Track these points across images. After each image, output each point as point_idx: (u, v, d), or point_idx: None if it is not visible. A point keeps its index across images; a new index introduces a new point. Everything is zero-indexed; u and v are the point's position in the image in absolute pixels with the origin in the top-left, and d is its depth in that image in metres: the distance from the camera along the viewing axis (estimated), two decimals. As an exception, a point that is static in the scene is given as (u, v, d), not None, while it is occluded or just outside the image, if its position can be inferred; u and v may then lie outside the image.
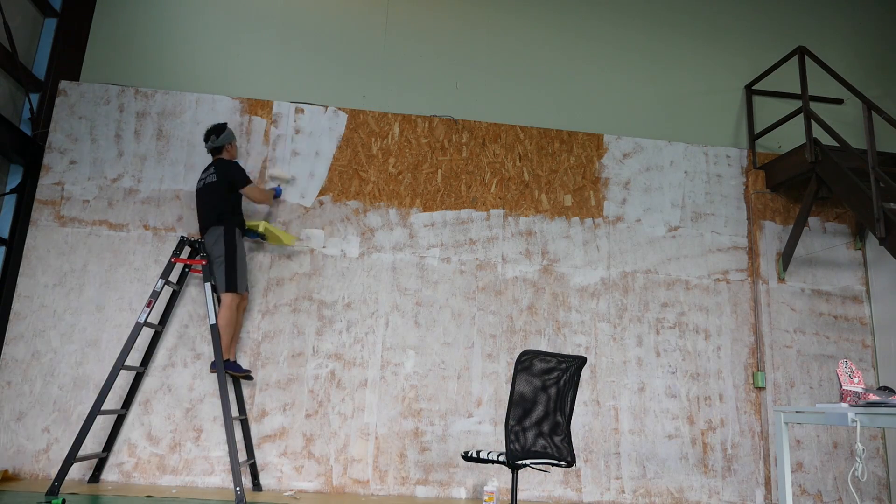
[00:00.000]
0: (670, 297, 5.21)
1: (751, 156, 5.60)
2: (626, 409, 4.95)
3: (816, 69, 5.64)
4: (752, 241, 5.41)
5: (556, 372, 3.20)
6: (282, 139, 5.18)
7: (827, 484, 4.95)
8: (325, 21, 5.56)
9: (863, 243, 5.46)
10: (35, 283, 4.71)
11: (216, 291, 4.48)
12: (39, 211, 4.84)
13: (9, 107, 4.99)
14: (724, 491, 4.88)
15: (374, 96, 5.44)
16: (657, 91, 5.79)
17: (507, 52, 5.69)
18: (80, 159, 4.97)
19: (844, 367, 3.04)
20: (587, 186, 5.39)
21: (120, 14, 5.37)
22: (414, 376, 4.83)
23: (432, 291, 5.01)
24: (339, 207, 5.10)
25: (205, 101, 5.19)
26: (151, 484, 4.45)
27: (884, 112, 4.50)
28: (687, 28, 5.99)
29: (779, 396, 5.06)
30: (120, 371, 4.14)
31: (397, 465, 4.66)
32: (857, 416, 2.76)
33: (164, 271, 4.38)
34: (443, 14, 5.71)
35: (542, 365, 3.16)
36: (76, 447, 3.92)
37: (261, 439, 4.61)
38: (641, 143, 5.53)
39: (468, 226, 5.17)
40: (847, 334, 5.25)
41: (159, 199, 4.97)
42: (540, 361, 3.15)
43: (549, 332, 5.04)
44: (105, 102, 5.10)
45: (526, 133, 5.42)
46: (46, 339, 4.63)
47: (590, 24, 5.88)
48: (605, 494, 4.78)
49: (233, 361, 4.45)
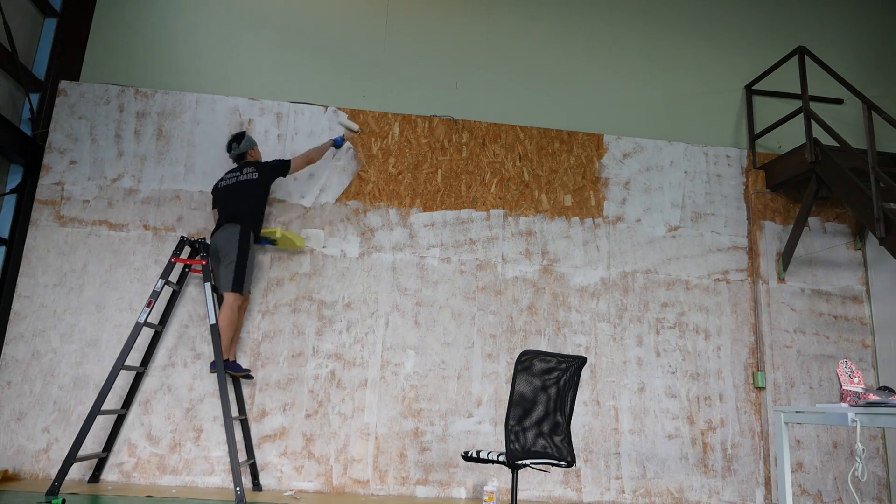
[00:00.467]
0: (670, 297, 5.21)
1: (751, 156, 5.60)
2: (626, 409, 4.95)
3: (816, 69, 5.64)
4: (752, 241, 5.41)
5: (556, 372, 3.19)
6: (282, 139, 5.18)
7: (827, 484, 4.95)
8: (325, 21, 5.56)
9: (863, 243, 5.46)
10: (35, 283, 4.71)
11: (216, 291, 4.48)
12: (39, 211, 4.84)
13: (9, 107, 4.99)
14: (724, 491, 4.88)
15: (374, 96, 5.43)
16: (657, 91, 5.79)
17: (507, 52, 5.69)
18: (80, 159, 4.97)
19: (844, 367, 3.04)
20: (587, 186, 5.39)
21: (120, 14, 5.38)
22: (414, 376, 4.83)
23: (432, 291, 5.01)
24: (339, 207, 5.10)
25: (205, 101, 5.19)
26: (151, 484, 4.45)
27: (884, 112, 4.50)
28: (687, 28, 5.99)
29: (779, 396, 5.06)
30: (120, 371, 4.14)
31: (397, 465, 4.66)
32: (857, 416, 2.76)
33: (164, 271, 4.38)
34: (443, 14, 5.72)
35: (542, 365, 3.16)
36: (76, 447, 3.92)
37: (261, 439, 4.61)
38: (641, 143, 5.53)
39: (468, 226, 5.17)
40: (847, 334, 5.25)
41: (159, 199, 4.97)
42: (540, 361, 3.15)
43: (549, 332, 5.04)
44: (105, 102, 5.10)
45: (526, 133, 5.42)
46: (46, 339, 4.63)
47: (590, 24, 5.88)
48: (605, 494, 4.78)
49: (232, 361, 4.44)
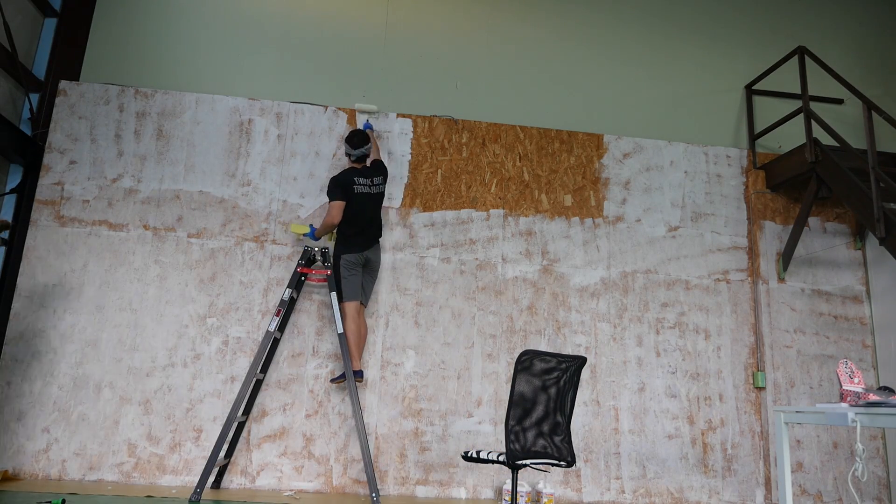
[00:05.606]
0: (670, 297, 5.21)
1: (751, 156, 5.60)
2: (626, 409, 4.95)
3: (816, 69, 5.64)
4: (752, 241, 5.41)
5: (556, 372, 3.19)
6: (282, 139, 5.18)
7: (827, 484, 4.95)
8: (325, 21, 5.56)
9: (863, 243, 5.46)
10: (35, 283, 4.71)
11: (364, 303, 4.62)
12: (39, 211, 4.84)
13: (9, 107, 4.99)
14: (724, 491, 4.88)
15: (374, 96, 5.43)
16: (657, 91, 5.79)
17: (507, 52, 5.69)
18: (79, 159, 4.97)
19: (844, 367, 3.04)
20: (587, 186, 5.39)
21: (120, 14, 5.37)
22: (414, 376, 4.83)
23: (432, 291, 5.01)
24: (339, 207, 5.09)
25: (205, 101, 5.18)
26: (151, 484, 4.45)
27: (884, 112, 4.50)
28: (687, 28, 5.99)
29: (779, 396, 5.06)
30: (253, 380, 4.30)
31: (397, 465, 4.66)
32: (857, 416, 2.76)
33: (291, 280, 4.58)
34: (443, 14, 5.71)
35: (542, 365, 3.15)
36: (215, 454, 4.10)
37: (261, 439, 4.61)
38: (641, 143, 5.53)
39: (468, 226, 5.17)
40: (847, 334, 5.25)
41: (159, 199, 4.97)
42: (540, 361, 3.15)
43: (549, 332, 5.03)
44: (105, 102, 5.09)
45: (526, 133, 5.42)
46: (46, 339, 4.63)
47: (590, 24, 5.88)
48: (605, 494, 4.78)
49: (356, 369, 4.44)
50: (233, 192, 5.03)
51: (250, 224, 4.98)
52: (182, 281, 4.81)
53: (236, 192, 5.03)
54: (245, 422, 4.54)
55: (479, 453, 3.30)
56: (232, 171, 5.07)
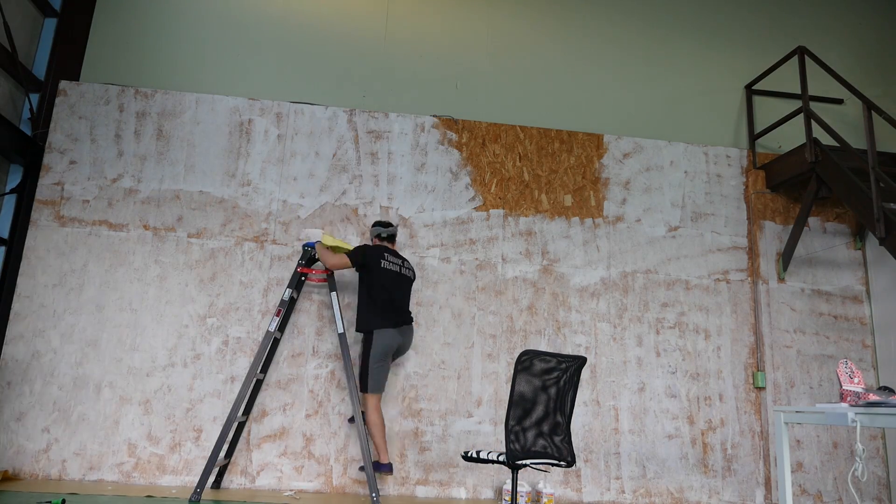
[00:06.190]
0: (670, 297, 5.21)
1: (751, 156, 5.60)
2: (626, 409, 4.95)
3: (816, 69, 5.64)
4: (752, 241, 5.41)
5: (556, 372, 3.19)
6: (282, 139, 5.18)
7: (827, 484, 4.95)
8: (325, 21, 5.56)
9: (863, 243, 5.46)
10: (35, 283, 4.71)
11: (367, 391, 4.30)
12: (39, 211, 4.84)
13: (9, 107, 4.99)
14: (724, 491, 4.88)
15: (374, 96, 5.43)
16: (657, 91, 5.79)
17: (507, 52, 5.69)
18: (79, 159, 4.97)
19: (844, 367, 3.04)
20: (587, 186, 5.39)
21: (120, 14, 5.37)
22: (414, 376, 4.83)
23: (432, 291, 5.01)
24: (339, 207, 5.09)
25: (205, 101, 5.19)
26: (151, 484, 4.45)
27: (884, 112, 4.50)
28: (687, 28, 5.99)
29: (779, 396, 5.06)
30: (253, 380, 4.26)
31: (397, 465, 4.66)
32: (857, 416, 2.76)
33: (291, 280, 4.52)
34: (443, 14, 5.71)
35: (542, 365, 3.15)
36: (216, 453, 4.06)
37: (261, 439, 4.61)
38: (641, 143, 5.53)
39: (468, 226, 5.17)
40: (847, 334, 5.25)
41: (159, 199, 4.97)
42: (540, 361, 3.14)
43: (549, 332, 5.03)
44: (105, 102, 5.09)
45: (526, 133, 5.42)
46: (46, 339, 4.63)
47: (590, 24, 5.88)
48: (605, 494, 4.78)
49: (383, 463, 4.27)
50: (233, 192, 5.03)
51: (250, 224, 4.98)
52: (182, 281, 4.81)
53: (236, 192, 5.03)
54: (245, 422, 4.54)
55: (479, 453, 3.29)
56: (232, 171, 5.07)
